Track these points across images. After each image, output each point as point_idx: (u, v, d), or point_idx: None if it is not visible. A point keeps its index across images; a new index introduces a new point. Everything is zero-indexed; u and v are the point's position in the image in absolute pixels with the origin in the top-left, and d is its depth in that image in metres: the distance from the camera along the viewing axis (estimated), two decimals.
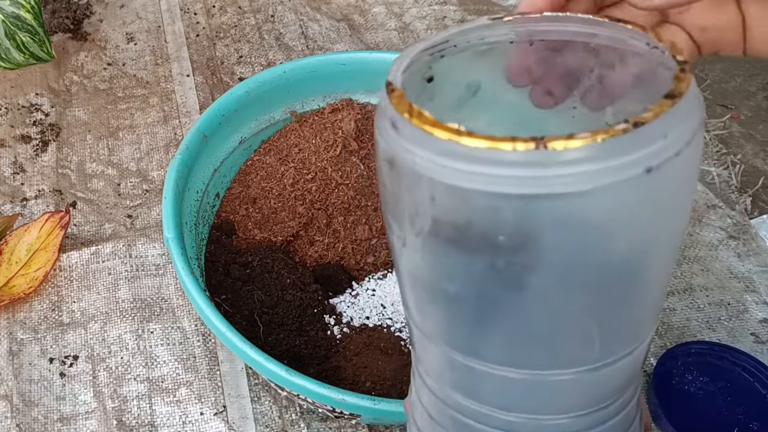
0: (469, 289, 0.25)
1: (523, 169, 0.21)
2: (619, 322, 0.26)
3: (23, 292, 0.61)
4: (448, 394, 0.29)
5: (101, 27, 0.85)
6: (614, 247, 0.23)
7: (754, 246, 0.71)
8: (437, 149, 0.22)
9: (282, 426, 0.57)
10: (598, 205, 0.22)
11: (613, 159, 0.21)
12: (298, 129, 0.64)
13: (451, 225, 0.23)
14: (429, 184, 0.23)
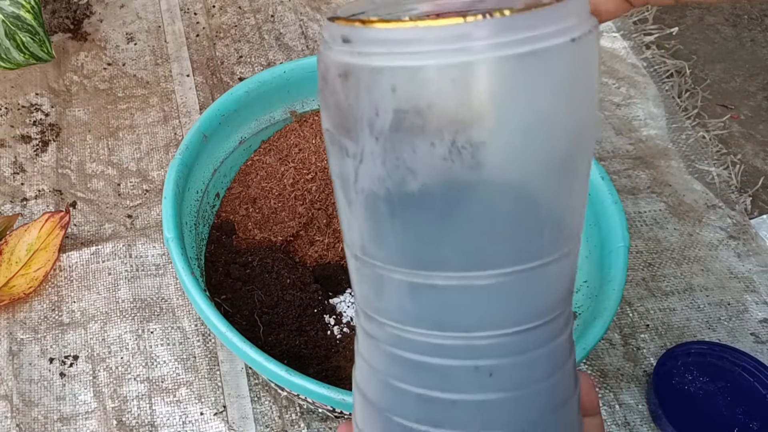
0: (432, 181, 0.26)
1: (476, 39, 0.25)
2: (562, 208, 0.28)
3: (23, 292, 0.61)
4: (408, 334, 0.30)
5: (101, 27, 0.85)
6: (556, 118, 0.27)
7: (754, 246, 0.71)
8: (395, 41, 0.25)
9: (282, 426, 0.57)
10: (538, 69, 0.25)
11: (548, 26, 0.25)
12: (298, 129, 0.64)
13: (414, 111, 0.26)
14: (390, 74, 0.25)
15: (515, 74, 0.25)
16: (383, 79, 0.26)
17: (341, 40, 0.27)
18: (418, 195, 0.27)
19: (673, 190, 0.74)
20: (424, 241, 0.28)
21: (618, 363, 0.62)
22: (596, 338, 0.50)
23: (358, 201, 0.29)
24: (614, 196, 0.57)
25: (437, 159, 0.26)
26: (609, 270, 0.54)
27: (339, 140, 0.28)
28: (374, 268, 0.30)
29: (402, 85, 0.26)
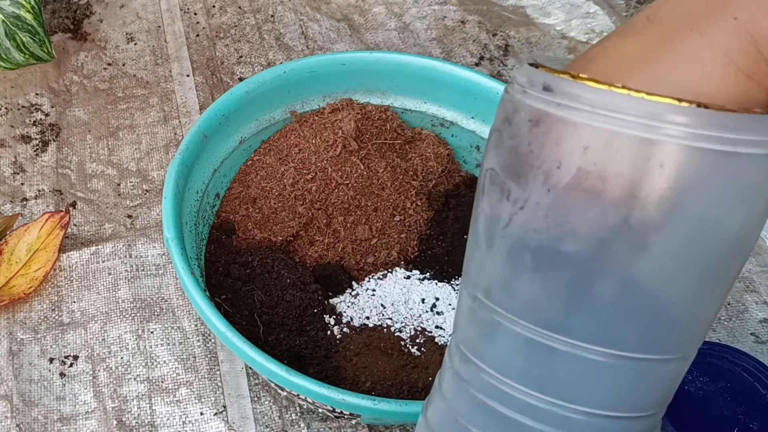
0: (590, 247, 0.26)
1: (685, 124, 0.24)
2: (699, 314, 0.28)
3: (23, 292, 0.61)
4: (507, 387, 0.29)
5: (101, 27, 0.85)
6: (731, 225, 0.26)
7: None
8: (602, 102, 0.25)
9: (282, 426, 0.57)
10: (731, 171, 0.25)
11: (754, 134, 0.25)
12: (298, 129, 0.64)
13: (599, 175, 0.25)
14: (587, 132, 0.25)
15: (706, 169, 0.25)
16: (579, 135, 0.26)
17: (542, 87, 0.27)
18: (570, 256, 0.27)
19: None
20: (557, 302, 0.28)
21: None
22: None
23: (502, 245, 0.28)
24: None
25: (604, 228, 0.26)
26: None
27: (503, 182, 0.28)
28: (493, 314, 0.30)
29: (595, 147, 0.25)
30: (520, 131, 0.27)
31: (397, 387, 0.53)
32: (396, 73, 0.66)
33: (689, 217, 0.26)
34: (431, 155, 0.65)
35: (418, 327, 0.58)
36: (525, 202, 0.27)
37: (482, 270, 0.30)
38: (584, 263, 0.27)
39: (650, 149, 0.25)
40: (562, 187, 0.26)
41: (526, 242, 0.27)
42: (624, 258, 0.26)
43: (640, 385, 0.29)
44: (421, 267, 0.62)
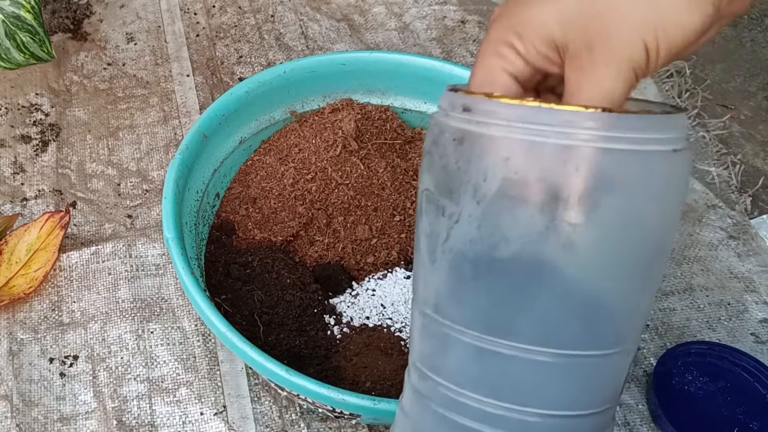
0: (522, 252, 0.28)
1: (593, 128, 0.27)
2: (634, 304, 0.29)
3: (23, 292, 0.61)
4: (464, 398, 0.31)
5: (101, 27, 0.85)
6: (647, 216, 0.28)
7: (754, 246, 0.71)
8: (516, 116, 0.28)
9: (282, 426, 0.57)
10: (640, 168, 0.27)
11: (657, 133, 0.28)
12: (298, 129, 0.64)
13: (522, 182, 0.27)
14: (506, 144, 0.28)
15: (619, 168, 0.27)
16: (498, 148, 0.28)
17: (462, 108, 0.29)
18: (506, 262, 0.28)
19: None
20: (501, 308, 0.29)
21: None
22: None
23: (444, 260, 0.30)
24: None
25: (533, 231, 0.28)
26: None
27: (437, 200, 0.30)
28: (443, 328, 0.31)
29: (515, 156, 0.28)
30: (447, 150, 0.29)
31: (397, 387, 0.53)
32: (396, 73, 0.66)
33: (609, 215, 0.28)
34: None
35: None
36: (459, 216, 0.29)
37: (428, 286, 0.31)
38: (520, 267, 0.28)
39: (564, 154, 0.27)
40: (490, 197, 0.28)
41: (464, 254, 0.29)
42: (556, 258, 0.28)
43: (588, 382, 0.30)
44: None
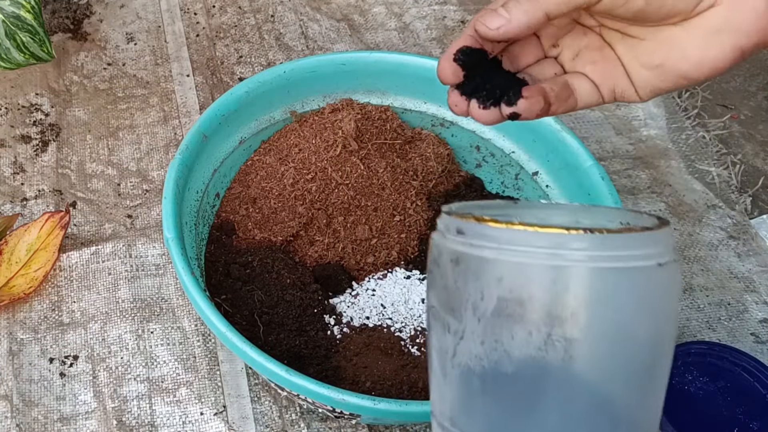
0: (525, 366, 0.29)
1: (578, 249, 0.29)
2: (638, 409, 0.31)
3: (23, 292, 0.61)
4: None
5: (101, 27, 0.85)
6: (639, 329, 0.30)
7: (754, 246, 0.71)
8: (506, 238, 0.29)
9: (282, 426, 0.57)
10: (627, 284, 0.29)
11: (640, 249, 0.29)
12: (298, 129, 0.64)
13: (516, 301, 0.29)
14: (498, 265, 0.29)
15: (606, 285, 0.29)
16: (491, 268, 0.30)
17: (456, 231, 0.31)
18: (510, 376, 0.30)
19: (673, 190, 0.74)
20: (511, 419, 0.31)
21: None
22: None
23: (454, 374, 0.32)
24: (614, 196, 0.57)
25: (532, 347, 0.29)
26: None
27: (443, 317, 0.32)
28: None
29: (508, 277, 0.29)
30: (446, 270, 0.31)
31: (397, 387, 0.53)
32: (396, 73, 0.66)
33: (602, 328, 0.29)
34: (431, 155, 0.65)
35: (418, 327, 0.58)
36: (463, 333, 0.31)
37: (443, 399, 0.33)
38: (524, 381, 0.30)
39: (553, 274, 0.29)
40: (488, 315, 0.30)
41: (472, 369, 0.31)
42: (557, 371, 0.29)
43: None
44: (421, 267, 0.62)
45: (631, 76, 0.37)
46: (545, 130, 0.62)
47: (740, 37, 0.32)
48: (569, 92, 0.38)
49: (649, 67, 0.36)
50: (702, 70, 0.34)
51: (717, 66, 0.34)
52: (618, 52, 0.37)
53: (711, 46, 0.33)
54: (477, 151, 0.67)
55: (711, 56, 0.33)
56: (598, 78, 0.38)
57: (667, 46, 0.34)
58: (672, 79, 0.35)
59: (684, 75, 0.35)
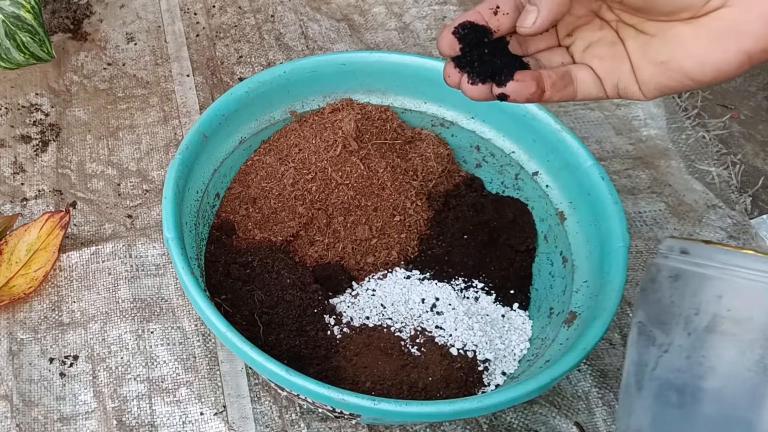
0: (729, 383, 0.30)
1: None
2: None
3: (23, 292, 0.61)
4: None
5: (101, 27, 0.85)
6: None
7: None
8: (731, 261, 0.31)
9: (282, 426, 0.57)
10: None
11: None
12: (298, 129, 0.64)
13: (733, 320, 0.30)
14: (719, 284, 0.30)
15: None
16: (712, 286, 0.31)
17: (680, 251, 0.34)
18: (711, 392, 0.31)
19: (673, 190, 0.74)
20: None
21: (618, 363, 0.62)
22: (596, 338, 0.50)
23: (651, 387, 0.33)
24: (614, 196, 0.57)
25: (742, 367, 0.30)
26: (609, 270, 0.54)
27: (649, 330, 0.33)
28: None
29: (728, 296, 0.30)
30: (662, 287, 0.33)
31: (397, 387, 0.53)
32: (396, 73, 0.66)
33: None
34: (431, 155, 0.65)
35: (418, 327, 0.58)
36: (669, 346, 0.32)
37: (633, 413, 0.34)
38: (726, 398, 0.31)
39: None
40: (701, 330, 0.31)
41: (671, 382, 0.32)
42: (763, 394, 0.30)
43: None
44: (421, 267, 0.62)
45: (636, 73, 0.37)
46: (545, 130, 0.62)
47: (746, 41, 0.32)
48: (568, 82, 0.38)
49: (654, 63, 0.35)
50: (705, 71, 0.34)
51: (721, 67, 0.33)
52: (628, 49, 0.37)
53: (716, 46, 0.33)
54: (477, 151, 0.67)
55: (715, 57, 0.33)
56: (603, 72, 0.38)
57: (674, 43, 0.34)
58: (676, 77, 0.35)
59: (688, 74, 0.34)
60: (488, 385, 0.56)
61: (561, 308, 0.58)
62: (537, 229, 0.64)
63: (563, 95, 0.38)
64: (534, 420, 0.58)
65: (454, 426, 0.58)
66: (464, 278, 0.62)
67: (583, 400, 0.60)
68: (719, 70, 0.33)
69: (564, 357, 0.50)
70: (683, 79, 0.35)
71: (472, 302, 0.61)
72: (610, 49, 0.38)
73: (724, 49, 0.33)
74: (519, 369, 0.57)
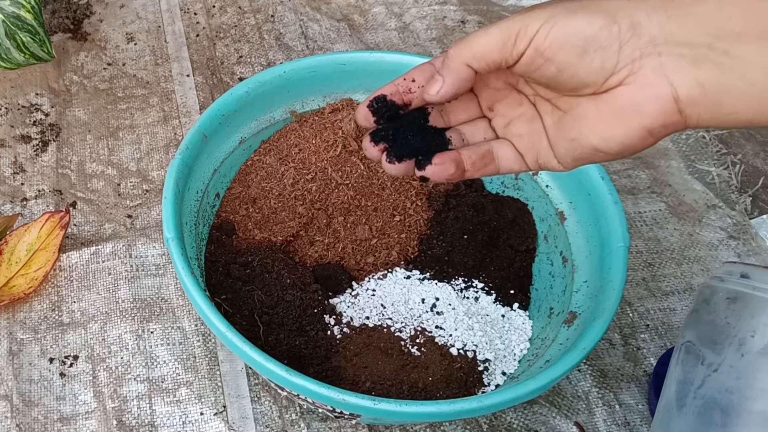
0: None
1: None
2: None
3: (23, 292, 0.61)
4: None
5: (101, 27, 0.85)
6: None
7: (754, 246, 0.71)
8: None
9: (282, 426, 0.57)
10: None
11: None
12: (298, 129, 0.64)
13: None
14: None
15: None
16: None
17: (739, 275, 0.34)
18: (757, 414, 0.31)
19: (673, 190, 0.74)
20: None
21: (618, 363, 0.62)
22: (596, 338, 0.50)
23: (694, 405, 0.33)
24: (614, 196, 0.57)
25: None
26: (609, 270, 0.54)
27: (698, 350, 0.34)
28: None
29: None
30: (718, 308, 0.34)
31: (397, 387, 0.53)
32: (396, 73, 0.65)
33: None
34: None
35: (418, 327, 0.58)
36: (719, 366, 0.32)
37: (671, 430, 0.35)
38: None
39: None
40: (755, 352, 0.31)
41: (717, 401, 0.32)
42: None
43: None
44: (421, 267, 0.62)
45: (554, 148, 0.38)
46: None
47: (644, 119, 0.33)
48: (488, 161, 0.40)
49: (567, 140, 0.37)
50: (611, 146, 0.35)
51: (625, 142, 0.35)
52: (545, 125, 0.39)
53: (619, 123, 0.34)
54: None
55: (618, 133, 0.34)
56: (523, 148, 0.40)
57: (580, 120, 0.36)
58: (588, 151, 0.36)
59: (596, 148, 0.36)
60: (488, 385, 0.56)
61: (561, 308, 0.58)
62: (537, 229, 0.64)
63: (484, 172, 0.40)
64: (534, 420, 0.58)
65: (454, 426, 0.58)
66: (464, 278, 0.62)
67: (583, 400, 0.60)
68: (624, 144, 0.35)
69: (564, 357, 0.50)
70: (595, 153, 0.36)
71: (472, 302, 0.61)
72: (529, 125, 0.39)
73: (626, 125, 0.34)
74: (519, 369, 0.57)
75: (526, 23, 0.34)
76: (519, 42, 0.34)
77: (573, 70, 0.34)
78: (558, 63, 0.34)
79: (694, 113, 0.33)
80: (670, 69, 0.32)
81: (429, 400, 0.52)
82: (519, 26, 0.34)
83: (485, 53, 0.35)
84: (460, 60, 0.36)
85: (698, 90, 0.32)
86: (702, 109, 0.33)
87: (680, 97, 0.33)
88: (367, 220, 0.61)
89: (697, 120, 0.33)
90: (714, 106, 0.32)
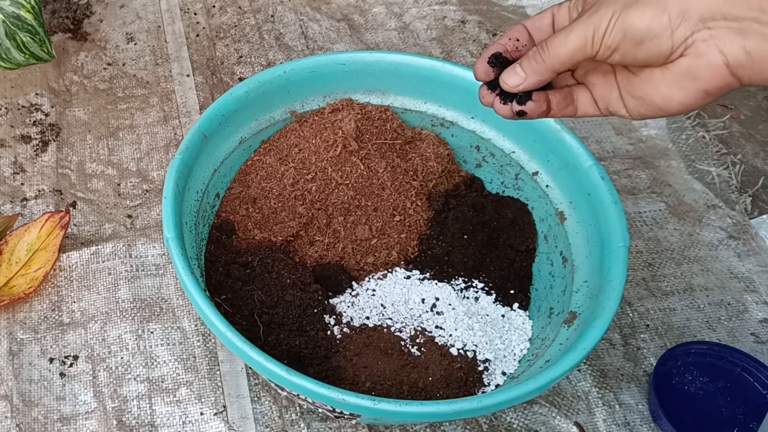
0: None
1: None
2: None
3: (23, 292, 0.61)
4: None
5: (101, 27, 0.85)
6: None
7: (754, 246, 0.71)
8: None
9: (282, 426, 0.57)
10: None
11: None
12: (298, 129, 0.64)
13: None
14: None
15: None
16: None
17: None
18: None
19: (673, 190, 0.74)
20: None
21: (618, 363, 0.62)
22: (596, 338, 0.50)
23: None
24: (614, 196, 0.57)
25: None
26: (609, 270, 0.54)
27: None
28: None
29: None
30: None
31: (397, 387, 0.53)
32: (396, 73, 0.66)
33: None
34: (431, 155, 0.65)
35: (418, 327, 0.58)
36: None
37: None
38: None
39: None
40: None
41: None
42: None
43: None
44: (421, 267, 0.62)
45: (623, 99, 0.44)
46: (545, 130, 0.62)
47: (700, 83, 0.40)
48: (570, 101, 0.46)
49: (634, 97, 0.43)
50: (672, 105, 0.41)
51: (684, 103, 0.41)
52: (618, 79, 0.44)
53: (678, 87, 0.41)
54: (477, 151, 0.67)
55: (678, 95, 0.41)
56: (597, 95, 0.46)
57: (647, 82, 0.42)
58: (651, 108, 0.43)
59: (658, 107, 0.42)
60: (488, 385, 0.56)
61: (561, 308, 0.58)
62: (537, 229, 0.64)
63: (565, 113, 0.47)
64: (534, 420, 0.58)
65: (454, 426, 0.58)
66: (464, 278, 0.62)
67: (583, 400, 0.60)
68: (683, 104, 0.41)
69: (564, 357, 0.50)
70: (657, 110, 0.43)
71: (472, 302, 0.61)
72: (603, 77, 0.45)
73: (685, 89, 0.40)
74: (519, 369, 0.57)
75: (597, 24, 0.41)
76: (595, 43, 0.41)
77: (633, 55, 0.41)
78: (621, 52, 0.41)
79: (745, 75, 0.39)
80: (720, 40, 0.38)
81: (429, 400, 0.52)
82: (593, 28, 0.41)
83: (568, 59, 0.42)
84: (546, 66, 0.43)
85: (745, 57, 0.38)
86: (751, 72, 0.39)
87: (730, 62, 0.38)
88: (367, 220, 0.61)
89: (749, 80, 0.39)
90: (762, 70, 0.38)
